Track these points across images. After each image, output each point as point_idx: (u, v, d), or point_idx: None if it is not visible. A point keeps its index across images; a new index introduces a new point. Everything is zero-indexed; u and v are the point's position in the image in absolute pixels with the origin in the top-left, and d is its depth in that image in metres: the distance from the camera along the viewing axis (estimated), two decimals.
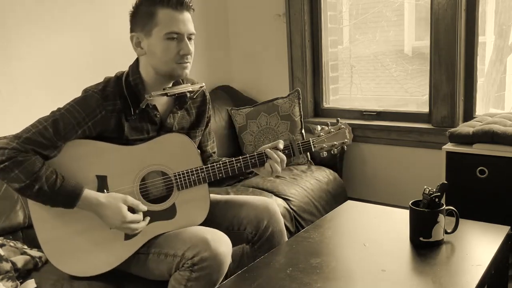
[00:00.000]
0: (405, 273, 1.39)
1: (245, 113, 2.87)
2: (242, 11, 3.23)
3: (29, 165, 1.38)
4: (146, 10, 1.46)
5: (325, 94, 3.12)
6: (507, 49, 2.90)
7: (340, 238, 1.65)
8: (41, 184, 1.38)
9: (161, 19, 1.45)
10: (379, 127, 2.83)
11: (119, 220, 1.44)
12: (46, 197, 1.41)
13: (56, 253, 1.50)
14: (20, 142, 1.40)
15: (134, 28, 1.51)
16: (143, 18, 1.47)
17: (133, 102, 1.51)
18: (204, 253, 1.42)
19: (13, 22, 2.19)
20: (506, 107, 2.90)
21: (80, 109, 1.45)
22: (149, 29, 1.47)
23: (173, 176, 1.54)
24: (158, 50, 1.47)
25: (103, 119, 1.47)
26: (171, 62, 1.48)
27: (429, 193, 1.48)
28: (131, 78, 1.53)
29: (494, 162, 2.05)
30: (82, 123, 1.45)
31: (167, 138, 1.56)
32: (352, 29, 3.20)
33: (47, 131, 1.42)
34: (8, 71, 2.19)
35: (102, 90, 1.49)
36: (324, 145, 1.63)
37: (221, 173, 1.56)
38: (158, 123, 1.57)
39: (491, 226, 1.60)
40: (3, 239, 1.79)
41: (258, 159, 1.57)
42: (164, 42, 1.46)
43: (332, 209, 1.93)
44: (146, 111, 1.53)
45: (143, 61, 1.53)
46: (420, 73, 2.93)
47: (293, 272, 1.37)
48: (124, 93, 1.51)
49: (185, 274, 1.44)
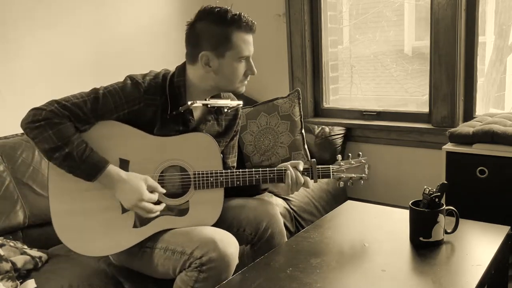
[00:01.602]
0: (405, 273, 1.39)
1: (245, 113, 2.87)
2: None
3: (64, 129, 1.41)
4: (220, 32, 1.49)
5: (325, 94, 3.12)
6: (507, 49, 2.90)
7: (340, 238, 1.65)
8: (71, 149, 1.41)
9: (236, 42, 1.51)
10: (379, 127, 2.83)
11: (136, 197, 1.45)
12: (72, 163, 1.43)
13: (64, 227, 1.50)
14: (58, 106, 1.43)
15: (203, 47, 1.51)
16: (216, 39, 1.50)
17: (172, 102, 1.54)
18: (212, 253, 1.42)
19: (13, 21, 2.19)
20: (506, 107, 2.90)
21: (122, 95, 1.48)
22: (222, 51, 1.51)
23: (192, 174, 1.56)
24: (228, 71, 1.54)
25: (140, 110, 1.50)
26: (237, 81, 1.57)
27: (429, 193, 1.48)
28: (176, 80, 1.56)
29: (494, 162, 2.05)
30: (119, 108, 1.48)
31: (195, 136, 1.59)
32: (352, 29, 3.20)
33: (86, 106, 1.45)
34: (8, 70, 2.19)
35: (148, 82, 1.52)
36: (342, 175, 1.66)
37: (239, 181, 1.58)
38: (191, 128, 1.60)
39: (491, 226, 1.60)
40: (3, 239, 1.79)
41: (277, 174, 1.60)
42: (235, 64, 1.54)
43: (332, 209, 1.93)
44: (182, 114, 1.56)
45: (200, 72, 1.55)
46: (420, 73, 2.93)
47: (293, 272, 1.37)
48: (166, 91, 1.54)
49: (192, 275, 1.43)
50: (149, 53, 2.79)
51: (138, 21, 2.78)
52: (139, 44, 2.76)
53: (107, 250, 1.53)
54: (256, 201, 1.75)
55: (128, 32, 2.71)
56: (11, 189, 1.91)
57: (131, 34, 2.73)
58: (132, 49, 2.72)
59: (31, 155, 2.01)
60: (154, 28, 2.83)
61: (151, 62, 1.62)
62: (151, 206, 1.48)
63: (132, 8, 2.74)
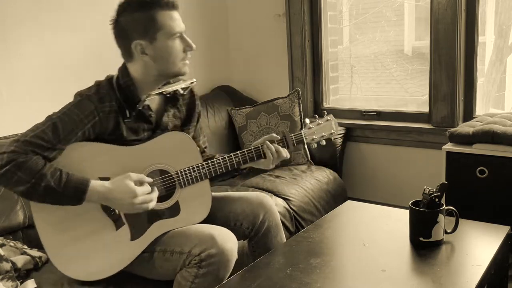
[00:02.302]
0: (405, 273, 1.39)
1: (245, 113, 2.87)
2: (242, 11, 3.23)
3: (31, 165, 1.36)
4: (144, 16, 1.46)
5: (325, 94, 3.12)
6: (507, 49, 2.90)
7: (340, 238, 1.65)
8: (47, 181, 1.36)
9: (163, 22, 1.47)
10: (379, 127, 2.83)
11: (130, 197, 1.42)
12: (54, 195, 1.39)
13: (64, 260, 1.49)
14: (18, 144, 1.38)
15: (133, 37, 1.48)
16: (142, 25, 1.46)
17: (127, 103, 1.52)
18: (211, 249, 1.43)
19: (13, 21, 2.19)
20: (506, 107, 2.90)
21: (78, 112, 1.45)
22: (153, 34, 1.47)
23: (175, 174, 1.55)
24: (165, 53, 1.49)
25: (101, 120, 1.48)
26: (177, 61, 1.52)
27: (429, 193, 1.48)
28: (122, 82, 1.53)
29: (494, 162, 2.05)
30: (80, 125, 1.45)
31: (167, 137, 1.58)
32: (352, 29, 3.20)
33: (46, 134, 1.41)
34: (8, 70, 2.19)
35: (96, 92, 1.49)
36: (314, 137, 1.70)
37: (221, 168, 1.58)
38: (154, 123, 1.59)
39: (491, 226, 1.60)
40: (3, 239, 1.79)
41: (255, 152, 1.61)
42: (170, 43, 1.49)
43: (332, 209, 1.93)
44: (142, 112, 1.54)
45: (139, 65, 1.52)
46: (420, 73, 2.93)
47: (293, 272, 1.37)
48: (117, 95, 1.51)
49: (192, 270, 1.44)
50: None
51: None
52: None
53: (112, 270, 1.51)
54: (252, 195, 1.76)
55: None
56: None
57: None
58: None
59: None
60: None
61: None
62: (148, 197, 1.46)
63: None
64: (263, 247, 1.69)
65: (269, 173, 2.57)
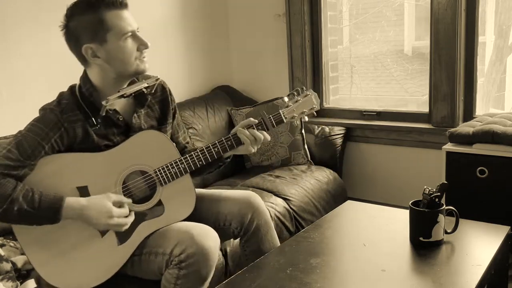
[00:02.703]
0: (405, 273, 1.39)
1: (245, 113, 2.87)
2: (242, 11, 3.23)
3: (1, 189, 1.35)
4: (91, 18, 1.42)
5: (325, 94, 3.12)
6: (507, 49, 2.90)
7: (340, 238, 1.65)
8: (19, 204, 1.35)
9: (111, 22, 1.43)
10: (379, 127, 2.83)
11: (106, 217, 1.41)
12: (28, 217, 1.38)
13: (54, 273, 1.47)
14: None
15: (83, 41, 1.44)
16: (91, 28, 1.43)
17: (92, 111, 1.49)
18: (190, 249, 1.42)
19: (13, 21, 2.19)
20: (506, 107, 2.90)
21: (41, 126, 1.43)
22: (102, 36, 1.43)
23: (153, 172, 1.53)
24: (118, 54, 1.45)
25: (67, 131, 1.45)
26: (133, 60, 1.48)
27: (429, 193, 1.48)
28: (84, 89, 1.50)
29: (494, 162, 2.05)
30: (46, 138, 1.42)
31: (140, 137, 1.54)
32: (352, 29, 3.20)
33: (12, 153, 1.39)
34: (8, 70, 2.19)
35: (57, 104, 1.47)
36: (294, 115, 1.63)
37: (201, 160, 1.55)
38: (123, 126, 1.55)
39: (491, 226, 1.60)
40: (3, 239, 1.79)
41: (233, 139, 1.57)
42: (121, 43, 1.45)
43: (332, 209, 1.93)
44: (108, 117, 1.51)
45: (96, 69, 1.49)
46: (420, 73, 2.93)
47: (293, 272, 1.37)
48: (81, 104, 1.48)
49: (174, 272, 1.43)
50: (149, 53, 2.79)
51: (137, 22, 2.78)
52: None
53: (104, 276, 1.49)
54: (240, 194, 1.73)
55: None
56: None
57: None
58: None
59: None
60: (153, 29, 2.83)
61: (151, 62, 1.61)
62: (123, 220, 1.45)
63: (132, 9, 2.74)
64: (253, 245, 1.68)
65: (269, 173, 2.57)
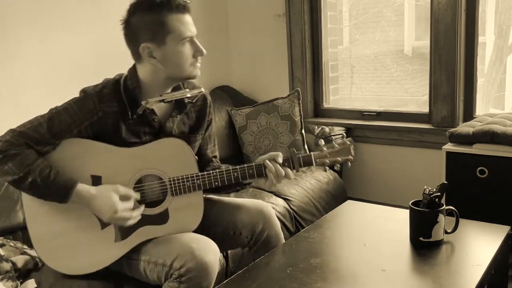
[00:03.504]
0: (405, 273, 1.39)
1: (245, 113, 2.87)
2: (242, 11, 3.23)
3: (22, 158, 1.39)
4: (154, 19, 1.43)
5: (325, 94, 3.12)
6: (507, 49, 2.90)
7: (340, 238, 1.65)
8: (34, 176, 1.39)
9: (173, 25, 1.43)
10: (379, 127, 2.82)
11: (111, 210, 1.42)
12: (39, 190, 1.42)
13: (47, 250, 1.50)
14: (14, 135, 1.41)
15: (142, 39, 1.45)
16: (151, 28, 1.43)
17: (131, 105, 1.50)
18: (190, 264, 1.40)
19: (13, 21, 2.19)
20: (506, 107, 2.90)
21: (77, 109, 1.45)
22: (162, 38, 1.44)
23: (167, 181, 1.52)
24: (174, 57, 1.46)
25: (100, 120, 1.47)
26: (187, 66, 1.49)
27: (429, 193, 1.48)
28: (129, 82, 1.51)
29: (494, 162, 2.05)
30: (77, 122, 1.45)
31: (165, 142, 1.54)
32: (352, 29, 3.20)
33: (42, 127, 1.42)
34: (8, 70, 2.19)
35: (99, 91, 1.48)
36: (326, 160, 1.59)
37: (217, 181, 1.53)
38: (157, 127, 1.56)
39: (491, 226, 1.60)
40: (3, 239, 1.79)
41: (256, 169, 1.54)
42: (179, 48, 1.46)
43: (332, 209, 1.93)
44: (144, 115, 1.52)
45: (148, 68, 1.50)
46: (420, 73, 2.93)
47: (293, 272, 1.37)
48: (122, 96, 1.50)
49: (173, 285, 1.42)
50: None
51: None
52: None
53: (93, 268, 1.50)
54: (251, 203, 1.72)
55: None
56: (11, 189, 1.91)
57: None
58: None
59: None
60: None
61: None
62: (128, 214, 1.45)
63: None
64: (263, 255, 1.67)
65: None
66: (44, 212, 1.48)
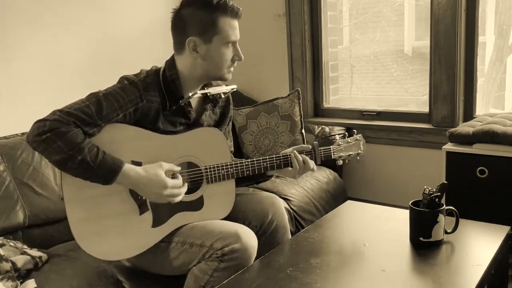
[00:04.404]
0: (405, 273, 1.39)
1: (245, 113, 2.87)
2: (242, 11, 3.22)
3: (72, 136, 1.39)
4: (206, 17, 1.49)
5: (325, 94, 3.12)
6: (507, 49, 2.90)
7: (340, 238, 1.65)
8: (84, 155, 1.39)
9: (222, 27, 1.51)
10: (379, 127, 2.83)
11: (160, 187, 1.45)
12: (87, 169, 1.41)
13: (83, 235, 1.50)
14: (62, 114, 1.41)
15: (189, 32, 1.51)
16: (202, 24, 1.50)
17: (169, 96, 1.55)
18: (235, 244, 1.45)
19: (12, 21, 2.19)
20: (506, 107, 2.90)
21: (124, 94, 1.48)
22: (209, 36, 1.51)
23: (204, 169, 1.58)
24: (216, 56, 1.54)
25: (144, 107, 1.51)
26: (224, 67, 1.57)
27: (429, 193, 1.47)
28: (168, 74, 1.57)
29: (494, 162, 2.05)
30: (124, 107, 1.48)
31: (202, 131, 1.61)
32: (352, 29, 3.20)
33: (89, 109, 1.43)
34: (8, 70, 2.19)
35: (143, 80, 1.52)
36: (342, 154, 1.72)
37: (249, 170, 1.61)
38: (191, 119, 1.62)
39: (491, 226, 1.60)
40: (3, 239, 1.79)
41: (283, 160, 1.64)
42: (223, 49, 1.54)
43: (332, 209, 1.93)
44: (182, 107, 1.58)
45: (188, 60, 1.56)
46: (420, 73, 2.93)
47: (293, 272, 1.37)
48: (161, 87, 1.55)
49: (213, 264, 1.46)
50: (149, 53, 2.79)
51: (137, 22, 2.78)
52: (139, 45, 2.76)
53: (129, 253, 1.53)
54: (263, 194, 1.78)
55: (128, 33, 2.71)
56: (11, 189, 1.91)
57: (131, 34, 2.73)
58: (132, 49, 2.72)
59: (31, 155, 2.01)
60: (153, 29, 2.83)
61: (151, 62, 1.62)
62: (177, 190, 1.49)
63: (131, 9, 2.75)
64: (270, 246, 1.68)
65: None
66: (83, 197, 1.49)
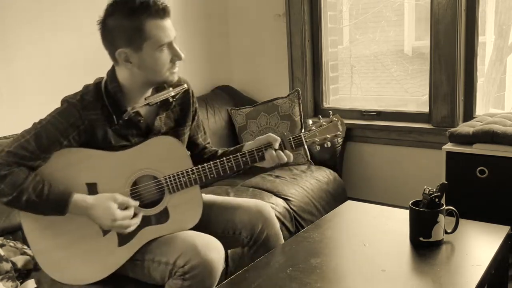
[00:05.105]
0: (405, 273, 1.39)
1: (245, 113, 2.87)
2: (242, 11, 3.23)
3: (14, 178, 1.36)
4: (131, 24, 1.39)
5: (325, 94, 3.12)
6: (507, 49, 2.90)
7: (340, 238, 1.65)
8: (28, 195, 1.37)
9: (150, 32, 1.40)
10: (379, 127, 2.82)
11: (109, 218, 1.42)
12: (35, 207, 1.40)
13: (51, 264, 1.48)
14: (3, 155, 1.38)
15: (118, 44, 1.42)
16: (128, 34, 1.40)
17: (114, 110, 1.48)
18: (194, 261, 1.40)
19: (12, 21, 2.19)
20: (506, 107, 2.90)
21: (62, 120, 1.43)
22: (138, 44, 1.41)
23: (163, 179, 1.52)
24: (151, 63, 1.44)
25: (86, 129, 1.45)
26: (164, 71, 1.47)
27: (429, 193, 1.47)
28: (110, 87, 1.49)
29: (494, 162, 2.05)
30: (65, 133, 1.43)
31: (155, 142, 1.53)
32: (352, 29, 3.20)
33: (30, 145, 1.39)
34: (9, 70, 2.19)
35: (80, 100, 1.45)
36: (316, 139, 1.57)
37: (213, 173, 1.53)
38: (144, 128, 1.55)
39: (491, 226, 1.60)
40: (3, 239, 1.79)
41: (249, 158, 1.54)
42: (156, 54, 1.43)
43: (332, 209, 1.93)
44: (130, 118, 1.50)
45: (125, 72, 1.48)
46: (420, 73, 2.93)
47: (293, 272, 1.37)
48: (104, 102, 1.47)
49: (177, 282, 1.42)
50: None
51: None
52: None
53: (100, 275, 1.50)
54: (251, 203, 1.71)
55: None
56: None
57: None
58: None
59: None
60: None
61: None
62: (127, 222, 1.45)
63: None
64: (262, 255, 1.67)
65: (269, 173, 2.57)
66: (43, 226, 1.46)
